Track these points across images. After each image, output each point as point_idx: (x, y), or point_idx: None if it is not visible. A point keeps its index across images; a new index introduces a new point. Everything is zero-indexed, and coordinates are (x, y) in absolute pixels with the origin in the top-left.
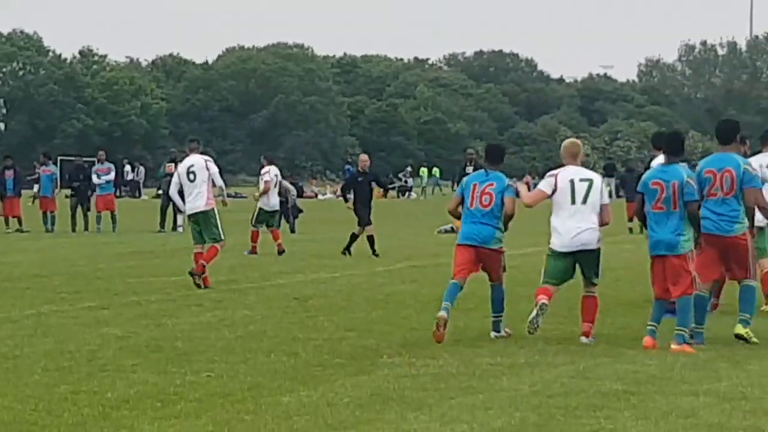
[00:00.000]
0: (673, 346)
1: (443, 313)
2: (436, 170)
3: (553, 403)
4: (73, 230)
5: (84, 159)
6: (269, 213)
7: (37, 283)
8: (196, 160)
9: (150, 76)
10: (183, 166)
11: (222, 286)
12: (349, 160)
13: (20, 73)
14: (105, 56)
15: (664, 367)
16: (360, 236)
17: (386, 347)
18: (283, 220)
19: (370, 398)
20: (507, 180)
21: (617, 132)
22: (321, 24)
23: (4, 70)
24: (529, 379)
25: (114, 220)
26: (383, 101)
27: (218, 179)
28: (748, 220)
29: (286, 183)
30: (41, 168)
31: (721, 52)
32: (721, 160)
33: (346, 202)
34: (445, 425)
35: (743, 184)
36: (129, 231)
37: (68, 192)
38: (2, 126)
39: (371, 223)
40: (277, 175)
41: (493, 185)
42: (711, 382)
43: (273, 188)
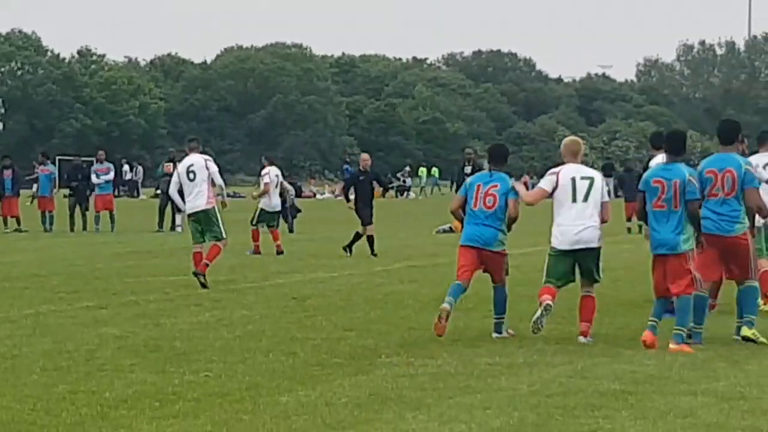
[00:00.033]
0: (672, 346)
1: (446, 305)
2: (435, 170)
3: (551, 402)
4: (72, 230)
5: (82, 159)
6: (270, 214)
7: (36, 283)
8: (196, 160)
9: (148, 75)
10: (183, 166)
11: (221, 286)
12: (348, 159)
13: (18, 72)
14: (103, 56)
15: (663, 366)
16: (364, 235)
17: (385, 347)
18: (281, 220)
19: (368, 398)
20: (511, 180)
21: (616, 132)
22: (319, 24)
23: (3, 69)
24: (527, 379)
25: (112, 220)
26: (381, 101)
27: (218, 178)
28: (749, 220)
29: (284, 183)
30: (40, 168)
31: (719, 51)
32: (723, 160)
33: (347, 202)
34: (444, 425)
35: (744, 184)
36: (127, 231)
37: (66, 192)
38: (1, 126)
39: (372, 223)
40: (278, 175)
41: (497, 186)
42: (709, 382)
43: (274, 189)
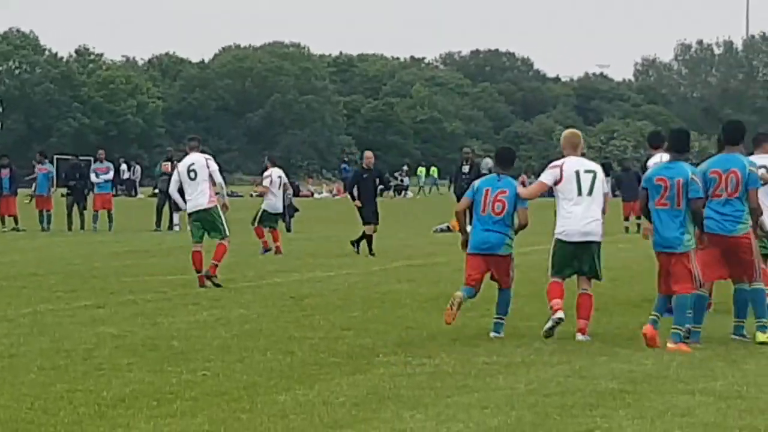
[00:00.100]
0: (670, 345)
1: (460, 293)
2: (434, 170)
3: (549, 402)
4: (69, 229)
5: (80, 158)
6: (272, 215)
7: (33, 282)
8: (197, 159)
9: (146, 74)
10: (183, 165)
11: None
12: (346, 159)
13: (16, 71)
14: (101, 55)
15: (660, 366)
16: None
17: (382, 346)
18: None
19: (366, 397)
20: (516, 183)
21: (613, 131)
22: (317, 23)
23: (0, 68)
24: (525, 378)
25: (111, 219)
26: (379, 100)
27: (218, 177)
28: (752, 221)
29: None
30: (38, 167)
31: (717, 51)
32: (727, 160)
33: (353, 200)
34: (441, 424)
35: (748, 185)
36: (125, 230)
37: (64, 191)
38: None
39: (378, 222)
40: (280, 176)
41: (505, 193)
42: (707, 381)
43: (277, 190)
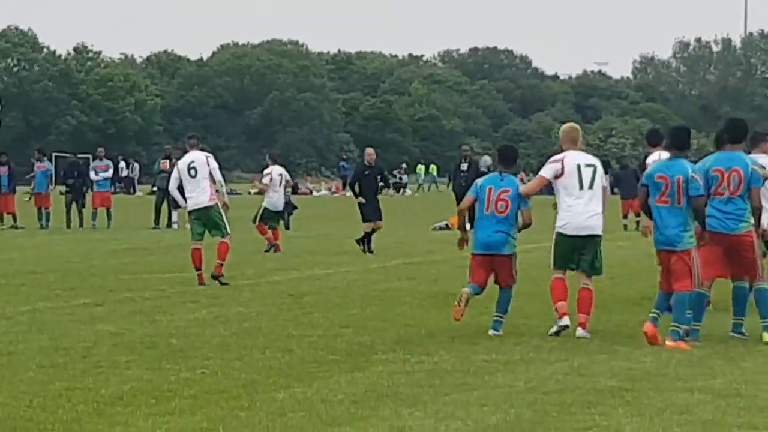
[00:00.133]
0: (668, 343)
1: (468, 289)
2: (433, 167)
3: (547, 399)
4: (68, 227)
5: (79, 155)
6: (273, 213)
7: (32, 280)
8: (197, 156)
9: (144, 72)
10: (183, 162)
11: (216, 282)
12: (344, 156)
13: (15, 69)
14: (99, 53)
15: (659, 363)
16: (376, 230)
17: (381, 344)
18: None
19: (364, 395)
20: (518, 182)
21: (612, 129)
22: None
23: None
24: (524, 376)
25: (110, 217)
26: (378, 98)
27: (218, 175)
28: (754, 219)
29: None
30: (37, 164)
31: (715, 48)
32: (730, 159)
33: (357, 197)
34: (440, 422)
35: (751, 183)
36: (123, 228)
37: (63, 188)
38: None
39: (381, 218)
40: (281, 174)
41: (508, 192)
42: (706, 379)
43: (278, 188)
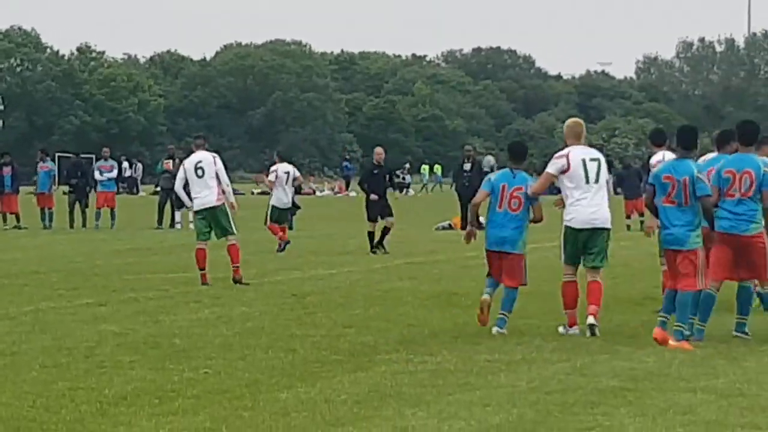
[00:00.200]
0: (671, 343)
1: (486, 297)
2: (438, 167)
3: (550, 399)
4: (71, 227)
5: (82, 156)
6: (281, 210)
7: (35, 280)
8: (204, 156)
9: (148, 72)
10: (190, 162)
11: (220, 283)
12: (347, 156)
13: (18, 69)
14: (103, 53)
15: (662, 363)
16: (391, 228)
17: (384, 344)
18: None
19: (367, 395)
20: (530, 179)
21: (615, 129)
22: (319, 21)
23: (2, 66)
24: (526, 376)
25: (113, 217)
26: (381, 98)
27: (224, 175)
28: (765, 221)
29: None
30: (40, 164)
31: (718, 49)
32: (742, 160)
33: (368, 195)
34: (443, 422)
35: (763, 185)
36: (127, 228)
37: (66, 189)
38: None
39: (377, 220)
40: (287, 172)
41: (521, 189)
42: (708, 379)
43: (285, 185)
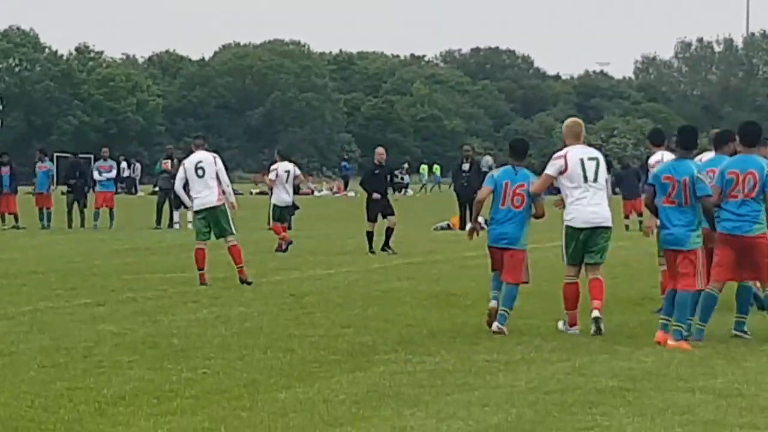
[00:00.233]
0: (670, 342)
1: (493, 303)
2: (437, 167)
3: (549, 399)
4: (70, 227)
5: (80, 156)
6: (282, 208)
7: (33, 280)
8: (205, 156)
9: (146, 72)
10: (191, 162)
11: (219, 282)
12: (346, 156)
13: (16, 69)
14: (101, 53)
15: (661, 363)
16: (394, 228)
17: (382, 344)
18: None
19: (366, 395)
20: (532, 175)
21: (613, 129)
22: (317, 21)
23: (0, 66)
24: (525, 376)
25: (112, 217)
26: (379, 98)
27: (224, 175)
28: None
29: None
30: (38, 164)
31: (717, 49)
32: (745, 161)
33: (371, 195)
34: (441, 422)
35: (766, 186)
36: (125, 228)
37: (64, 188)
38: None
39: (377, 220)
40: (287, 171)
41: (524, 186)
42: (707, 379)
43: (284, 183)
